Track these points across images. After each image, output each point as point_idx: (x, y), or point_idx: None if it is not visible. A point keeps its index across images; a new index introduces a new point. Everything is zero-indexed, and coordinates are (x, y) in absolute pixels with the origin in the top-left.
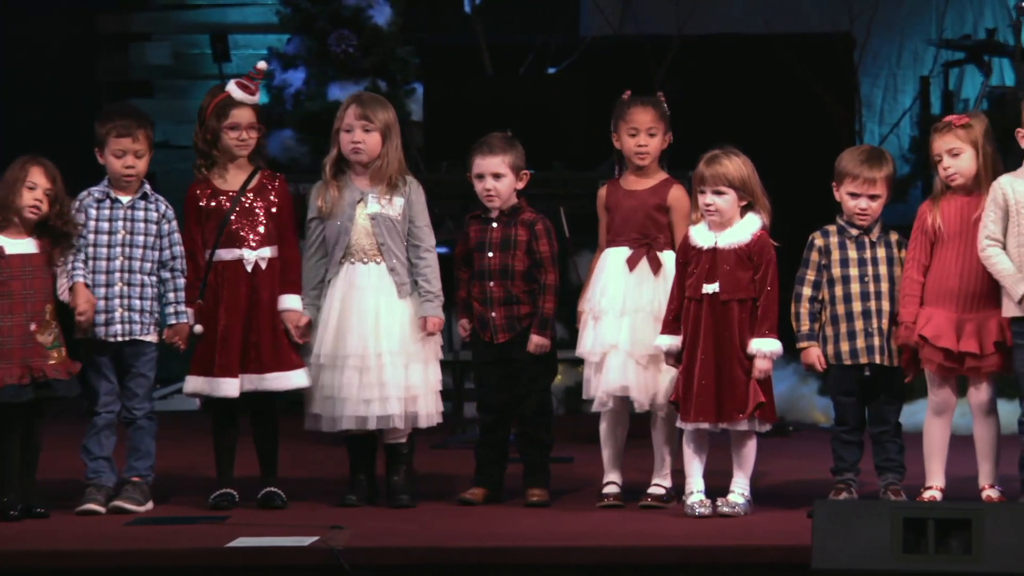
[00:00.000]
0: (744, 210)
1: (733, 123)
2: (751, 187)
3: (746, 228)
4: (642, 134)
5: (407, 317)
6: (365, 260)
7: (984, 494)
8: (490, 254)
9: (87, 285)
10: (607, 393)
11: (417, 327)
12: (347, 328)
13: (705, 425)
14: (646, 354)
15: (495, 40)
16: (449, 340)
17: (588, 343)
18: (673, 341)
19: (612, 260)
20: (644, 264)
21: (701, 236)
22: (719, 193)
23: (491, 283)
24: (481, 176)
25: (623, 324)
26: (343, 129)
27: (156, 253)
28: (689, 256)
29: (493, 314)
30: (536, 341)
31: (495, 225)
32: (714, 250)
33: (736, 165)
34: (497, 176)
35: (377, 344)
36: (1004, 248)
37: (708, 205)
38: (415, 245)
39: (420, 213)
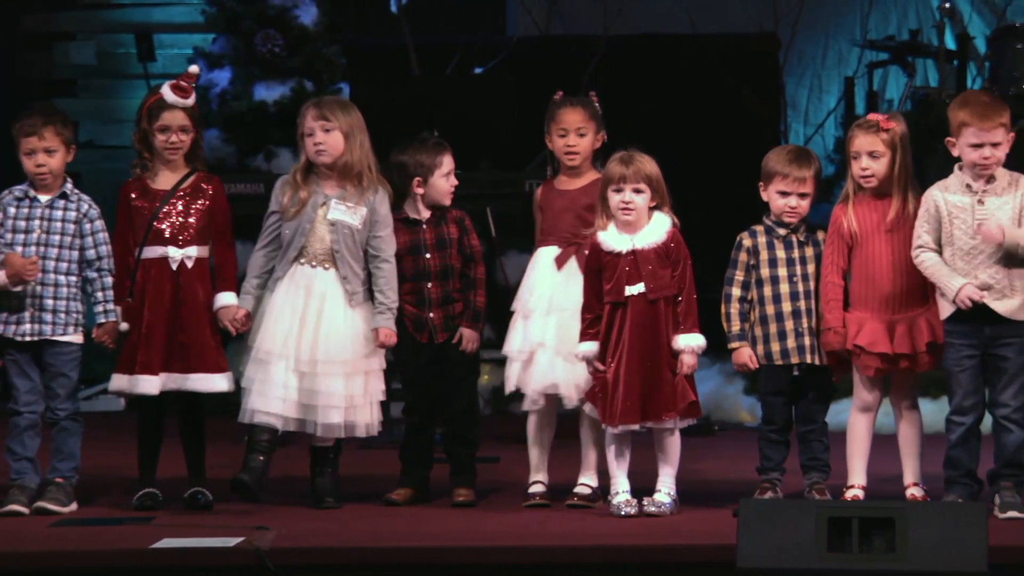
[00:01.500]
0: (650, 211)
1: (660, 123)
2: (662, 187)
3: (659, 227)
4: (571, 134)
5: (354, 326)
6: (315, 264)
7: (908, 493)
8: (427, 255)
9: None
10: (537, 391)
11: (364, 337)
12: (288, 329)
13: (634, 427)
14: (573, 351)
15: (422, 40)
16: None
17: (516, 342)
18: (595, 347)
19: (542, 259)
20: (572, 263)
21: (615, 240)
22: (638, 191)
23: (429, 284)
24: (451, 172)
25: (550, 322)
26: (305, 134)
27: (75, 253)
28: (603, 261)
29: (431, 315)
30: (468, 335)
31: (426, 226)
32: (634, 252)
33: (651, 164)
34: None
35: (316, 351)
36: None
37: (628, 203)
38: (374, 255)
39: (382, 224)
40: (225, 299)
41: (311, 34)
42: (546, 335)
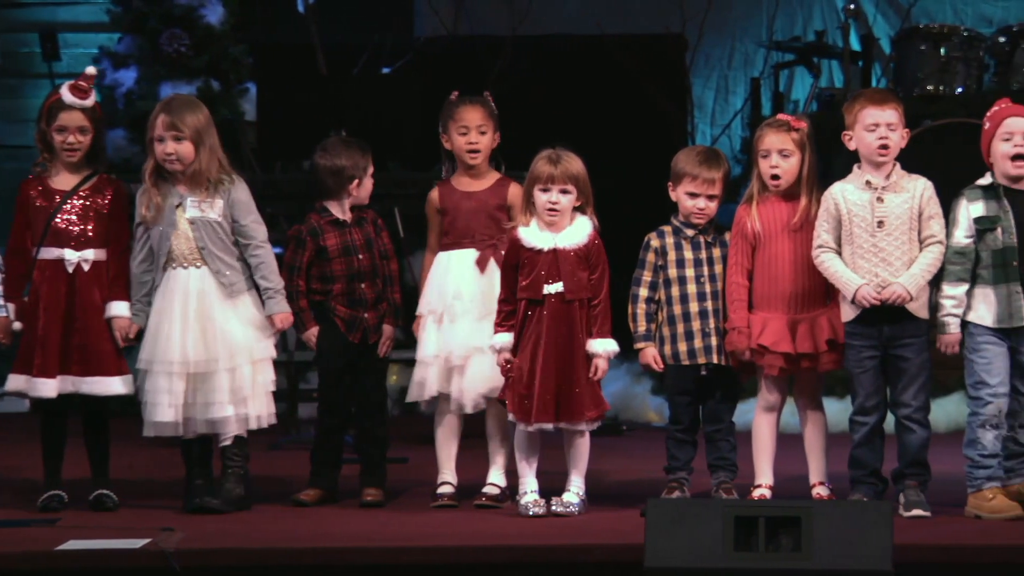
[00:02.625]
0: (572, 211)
1: (567, 123)
2: (587, 187)
3: (582, 229)
4: (472, 132)
5: (237, 318)
6: (186, 265)
7: (814, 492)
8: (360, 256)
9: None
10: (481, 394)
11: (250, 327)
12: (168, 334)
13: (548, 426)
14: None
15: (329, 40)
16: (283, 341)
17: (432, 347)
18: (510, 338)
19: (458, 262)
20: (493, 265)
21: (536, 237)
22: (565, 192)
23: (363, 284)
24: (372, 174)
25: (484, 327)
26: (155, 139)
27: None
28: (522, 257)
29: (366, 315)
30: (386, 331)
31: (352, 228)
32: (554, 251)
33: (578, 164)
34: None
35: (200, 349)
36: (839, 255)
37: (554, 203)
38: (245, 243)
39: (244, 211)
40: (117, 309)
41: (217, 34)
42: (484, 340)
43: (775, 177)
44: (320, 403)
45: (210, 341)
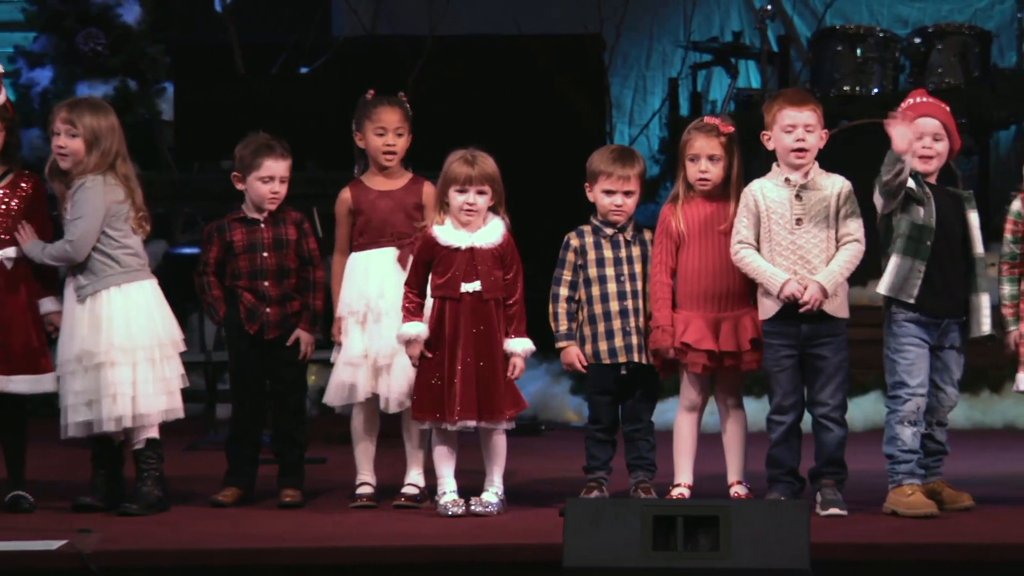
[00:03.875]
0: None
1: (486, 123)
2: (501, 187)
3: (496, 229)
4: (390, 134)
5: (127, 313)
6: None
7: (732, 491)
8: (264, 254)
9: None
10: (407, 396)
11: (145, 321)
12: (70, 336)
13: (471, 424)
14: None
15: (247, 39)
16: (201, 341)
17: (358, 348)
18: (424, 328)
19: (378, 262)
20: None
21: (451, 235)
22: (482, 193)
23: (266, 283)
24: (272, 178)
25: None
26: (52, 132)
27: None
28: (436, 254)
29: (268, 310)
30: (306, 338)
31: (264, 225)
32: (471, 250)
33: (492, 164)
34: (283, 180)
35: (98, 343)
36: (758, 252)
37: (471, 204)
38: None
39: (75, 208)
40: (48, 305)
41: (134, 33)
42: None
43: (704, 181)
44: (232, 397)
45: (97, 337)
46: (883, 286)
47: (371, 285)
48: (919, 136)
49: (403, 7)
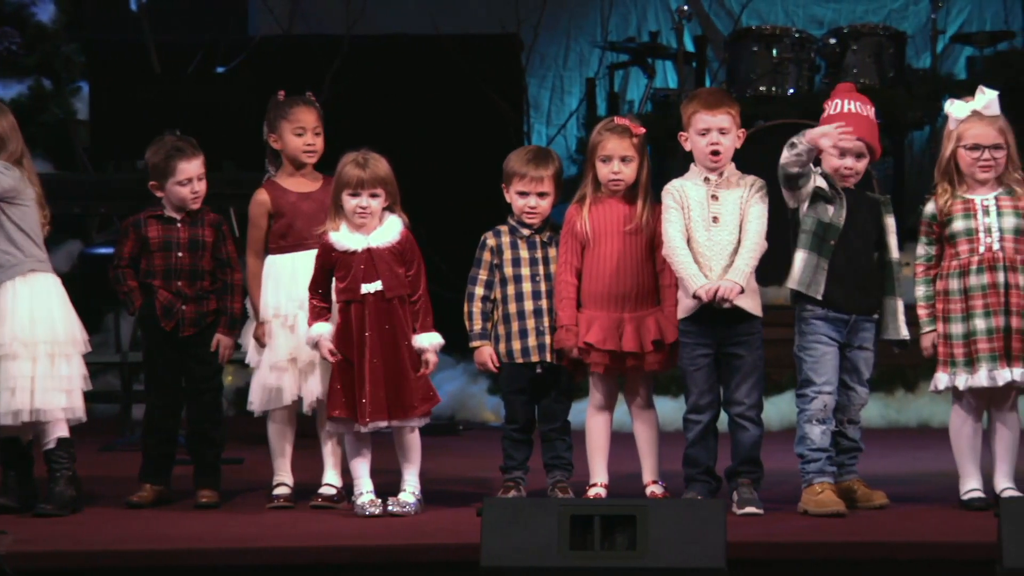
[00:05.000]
0: (382, 211)
1: (404, 123)
2: (395, 187)
3: (393, 227)
4: (308, 133)
5: (27, 306)
6: None
7: (648, 490)
8: (179, 254)
9: None
10: (318, 396)
11: (39, 314)
12: None
13: (383, 424)
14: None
15: (162, 39)
16: (117, 341)
17: (284, 351)
18: (330, 328)
19: (305, 265)
20: None
21: (347, 239)
22: (375, 196)
23: (179, 282)
24: (190, 179)
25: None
26: None
27: None
28: (333, 259)
29: (184, 307)
30: (226, 342)
31: (180, 225)
32: (369, 250)
33: (385, 165)
34: (200, 178)
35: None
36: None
37: (364, 207)
38: None
39: None
40: None
41: (49, 32)
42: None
43: (617, 181)
44: (146, 393)
45: (1, 328)
46: (792, 280)
47: (299, 288)
48: (841, 154)
49: (320, 7)
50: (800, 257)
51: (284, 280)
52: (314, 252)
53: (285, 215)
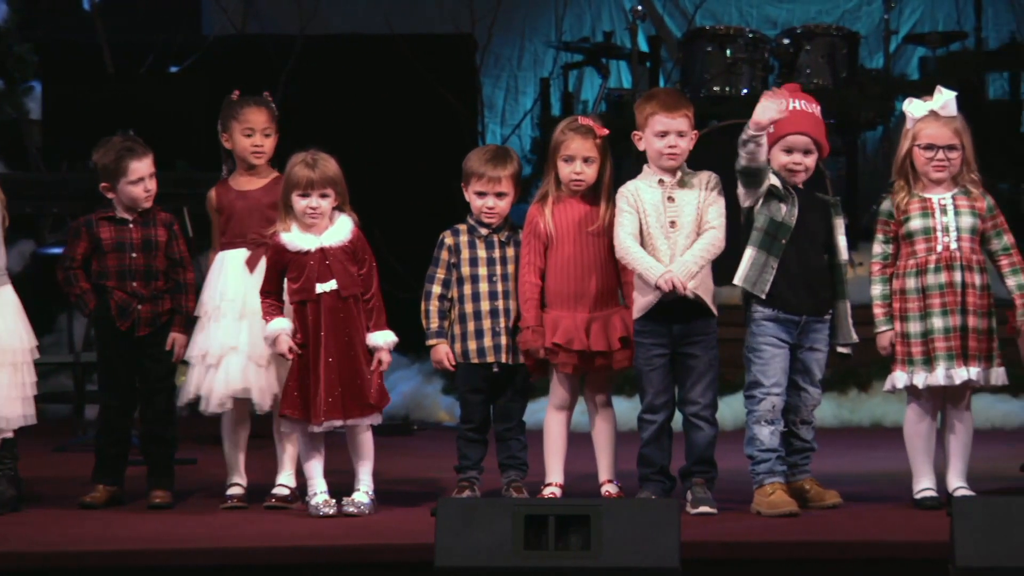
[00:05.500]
0: (332, 211)
1: (359, 123)
2: (344, 187)
3: (344, 227)
4: (258, 134)
5: None
6: None
7: (603, 490)
8: (133, 255)
9: None
10: (226, 395)
11: (2, 325)
12: None
13: (337, 423)
14: (265, 355)
15: (116, 38)
16: (70, 342)
17: (201, 345)
18: (288, 323)
19: (231, 262)
20: (263, 265)
21: (299, 240)
22: (324, 196)
23: (134, 283)
24: (142, 178)
25: (243, 326)
26: None
27: None
28: (287, 260)
29: (139, 307)
30: (180, 341)
31: (132, 226)
32: (322, 250)
33: (334, 165)
34: (152, 176)
35: None
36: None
37: (314, 208)
38: None
39: None
40: None
41: (1, 31)
42: (239, 339)
43: (578, 182)
44: (100, 393)
45: None
46: (738, 277)
47: (219, 285)
48: (789, 150)
49: (273, 6)
50: (748, 254)
51: (214, 277)
52: (242, 251)
53: (224, 212)
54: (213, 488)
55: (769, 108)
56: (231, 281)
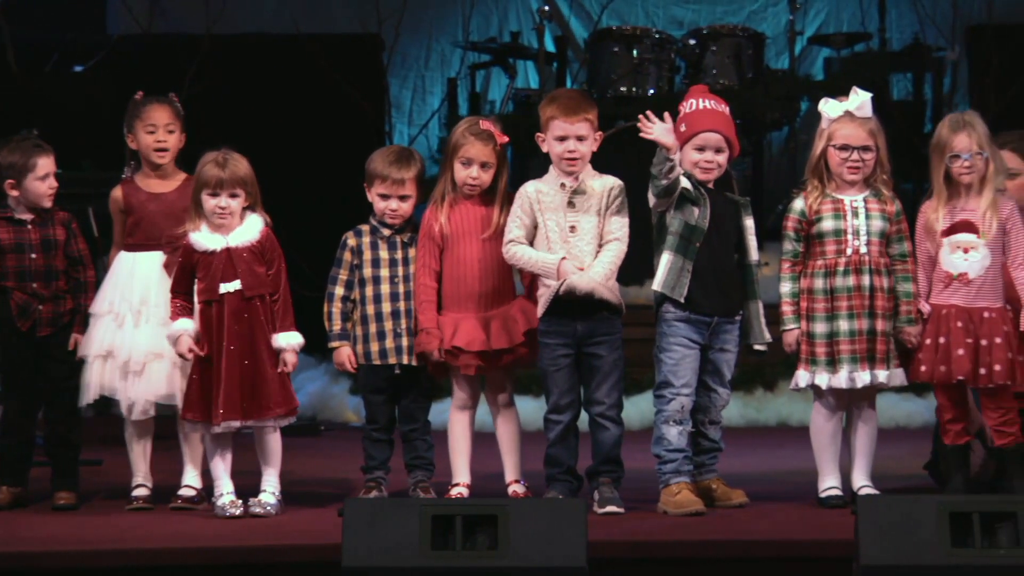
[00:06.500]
0: (243, 211)
1: (265, 123)
2: (256, 187)
3: (253, 227)
4: (160, 131)
5: None
6: None
7: (510, 490)
8: (33, 255)
9: None
10: (150, 402)
11: None
12: None
13: (235, 424)
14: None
15: (20, 36)
16: None
17: (98, 345)
18: (191, 324)
19: (144, 265)
20: None
21: (207, 239)
22: (234, 196)
23: (35, 284)
24: (48, 175)
25: (166, 333)
26: None
27: None
28: (195, 261)
29: (40, 307)
30: (83, 340)
31: (31, 226)
32: (228, 250)
33: (245, 165)
34: (55, 174)
35: None
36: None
37: (224, 208)
38: None
39: None
40: None
41: None
42: (164, 345)
43: (474, 186)
44: (2, 395)
45: None
46: (657, 282)
47: (135, 289)
48: (701, 148)
49: (179, 5)
50: (665, 259)
51: (122, 277)
52: (158, 254)
53: (134, 213)
54: (118, 489)
55: (666, 130)
56: (153, 286)
